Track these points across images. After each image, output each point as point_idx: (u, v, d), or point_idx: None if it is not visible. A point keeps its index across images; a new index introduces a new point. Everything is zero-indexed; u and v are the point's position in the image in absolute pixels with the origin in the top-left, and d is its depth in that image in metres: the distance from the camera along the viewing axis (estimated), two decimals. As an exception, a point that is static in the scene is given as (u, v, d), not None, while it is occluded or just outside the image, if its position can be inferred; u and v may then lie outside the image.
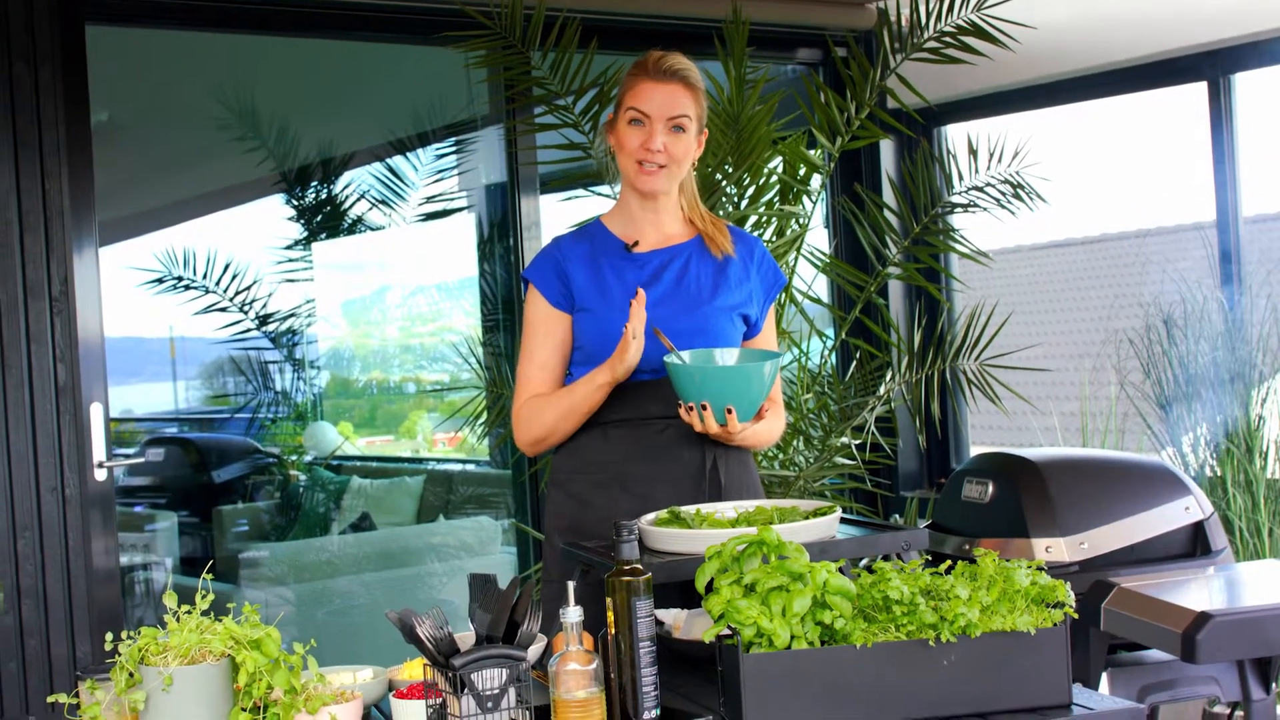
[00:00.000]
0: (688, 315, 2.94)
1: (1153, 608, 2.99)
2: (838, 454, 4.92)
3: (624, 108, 2.95)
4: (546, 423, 2.96)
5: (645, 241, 3.03)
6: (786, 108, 4.96)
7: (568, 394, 2.93)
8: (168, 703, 2.03)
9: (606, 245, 3.03)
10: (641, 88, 2.93)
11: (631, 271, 2.99)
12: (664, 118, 2.91)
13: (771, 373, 2.77)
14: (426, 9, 4.87)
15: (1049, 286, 7.92)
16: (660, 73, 2.93)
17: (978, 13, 4.69)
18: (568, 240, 3.07)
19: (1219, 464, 4.84)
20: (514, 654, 2.03)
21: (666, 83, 2.92)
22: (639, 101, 2.93)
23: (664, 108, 2.91)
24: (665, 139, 2.91)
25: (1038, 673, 2.16)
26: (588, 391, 2.88)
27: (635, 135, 2.93)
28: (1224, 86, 5.18)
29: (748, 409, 2.76)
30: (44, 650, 4.19)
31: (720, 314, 2.97)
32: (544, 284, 3.01)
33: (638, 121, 2.93)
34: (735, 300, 3.01)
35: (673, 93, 2.92)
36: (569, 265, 3.00)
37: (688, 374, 2.74)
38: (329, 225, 6.70)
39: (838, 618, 2.09)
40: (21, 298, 4.18)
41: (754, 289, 3.06)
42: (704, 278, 3.00)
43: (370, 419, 7.40)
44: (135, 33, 5.00)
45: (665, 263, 3.01)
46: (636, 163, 2.93)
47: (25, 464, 4.18)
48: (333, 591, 6.08)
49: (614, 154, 3.03)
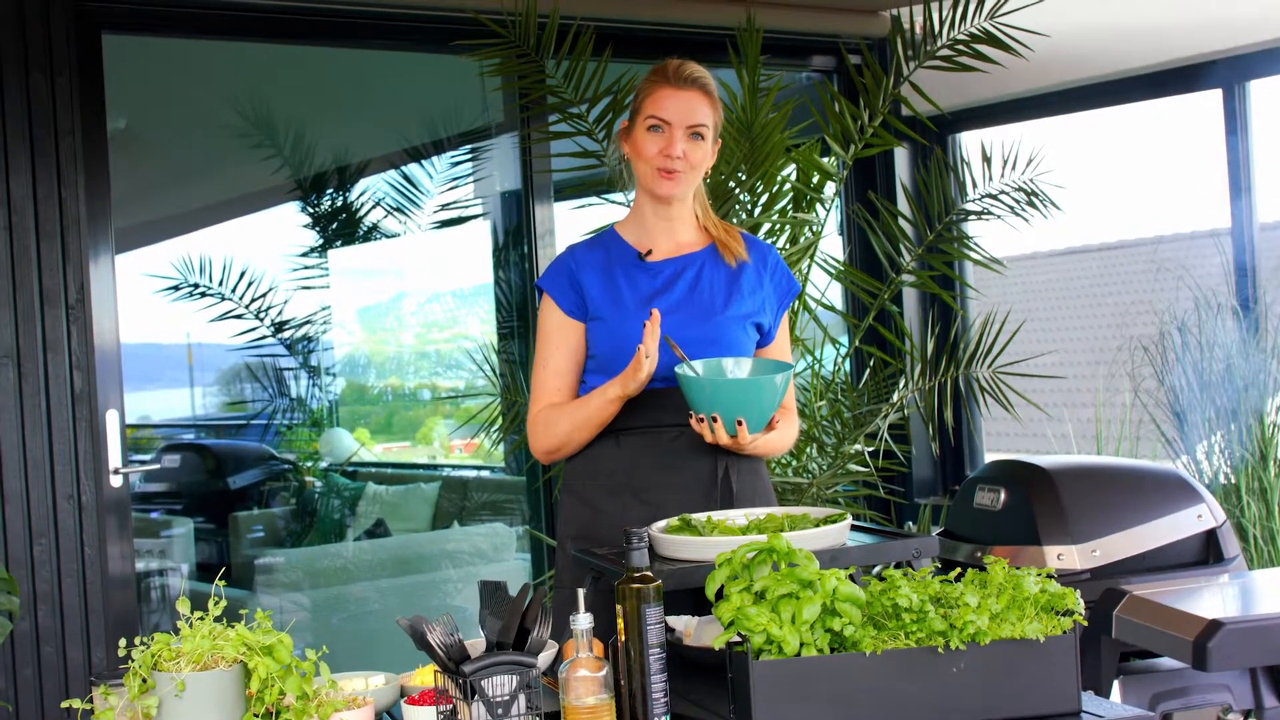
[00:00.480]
0: (700, 324, 2.95)
1: (1164, 615, 2.98)
2: (851, 461, 4.92)
3: (643, 115, 2.95)
4: (560, 433, 2.97)
5: (659, 250, 3.03)
6: (800, 115, 4.96)
7: (581, 406, 2.94)
8: (180, 708, 2.05)
9: (620, 254, 3.03)
10: (661, 94, 2.94)
11: (645, 280, 2.99)
12: (683, 125, 2.92)
13: (783, 384, 2.77)
14: (441, 17, 4.89)
15: (1065, 293, 7.91)
16: (680, 80, 2.94)
17: (991, 20, 4.69)
18: (581, 249, 3.07)
19: (1233, 471, 4.83)
20: (524, 660, 2.04)
21: (686, 90, 2.93)
22: (658, 109, 2.93)
23: (683, 115, 2.92)
24: (684, 145, 2.92)
25: (1047, 680, 2.16)
26: (601, 404, 2.89)
27: (654, 142, 2.93)
28: (1239, 93, 5.17)
29: (758, 420, 2.76)
30: (60, 656, 4.21)
31: (733, 323, 2.97)
32: (558, 292, 3.02)
33: (657, 128, 2.93)
34: (748, 309, 3.01)
35: (692, 100, 2.94)
36: (582, 274, 3.00)
37: (698, 385, 2.74)
38: (344, 232, 6.73)
39: (847, 625, 2.10)
40: (38, 305, 4.20)
41: (767, 297, 3.06)
42: (717, 286, 3.01)
43: (387, 425, 7.42)
44: (152, 41, 5.02)
45: (678, 271, 3.01)
46: (655, 169, 2.94)
47: (42, 470, 4.20)
48: (348, 597, 6.10)
49: (628, 161, 3.04)
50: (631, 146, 3.00)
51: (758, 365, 2.90)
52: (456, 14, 4.83)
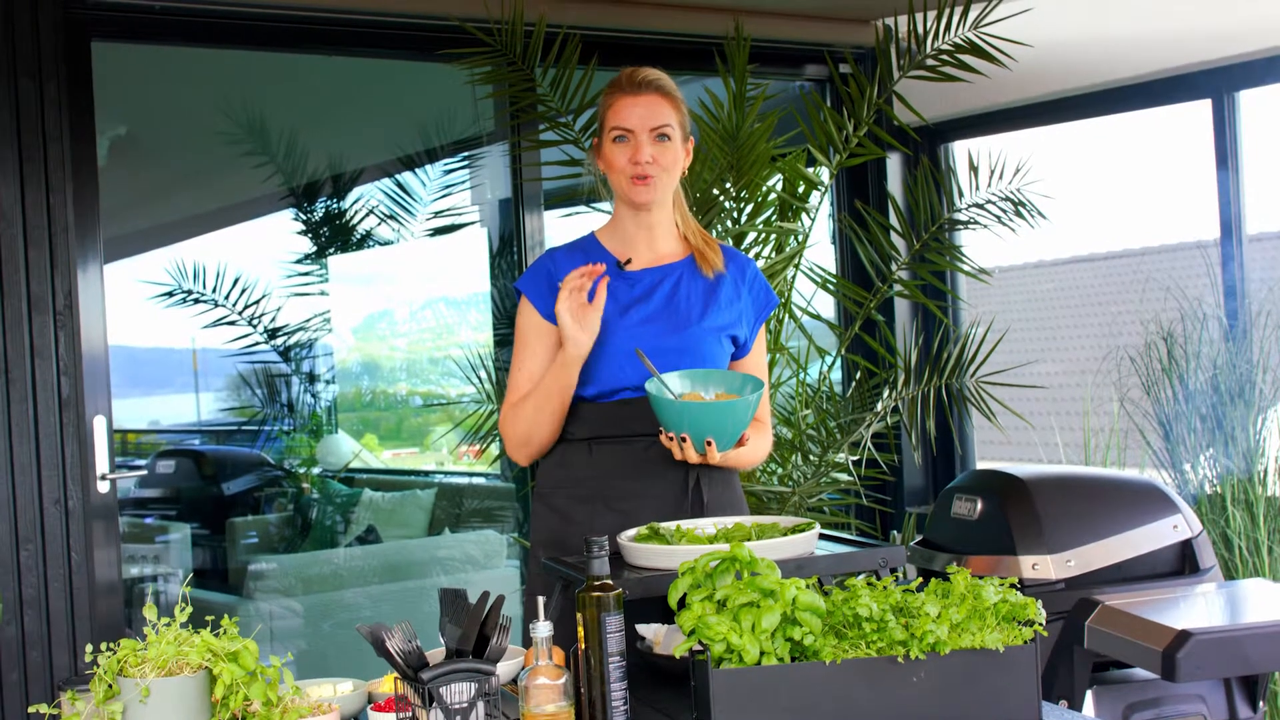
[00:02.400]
0: (676, 334, 2.96)
1: (1135, 626, 3.00)
2: (836, 470, 4.93)
3: (607, 128, 2.98)
4: (525, 416, 2.97)
5: (638, 259, 3.04)
6: (789, 124, 4.98)
7: (546, 377, 2.95)
8: (145, 714, 2.06)
9: (599, 261, 3.03)
10: (620, 104, 2.96)
11: (623, 289, 3.01)
12: (646, 129, 2.93)
13: (753, 405, 2.78)
14: (428, 25, 4.90)
15: (1053, 303, 7.92)
16: (635, 86, 2.96)
17: (975, 31, 4.70)
18: (562, 253, 3.08)
19: (1219, 482, 4.84)
20: (482, 668, 2.05)
21: (644, 94, 2.95)
22: (620, 119, 2.95)
23: (645, 119, 2.94)
24: (652, 150, 2.93)
25: (1008, 690, 2.17)
26: (555, 372, 2.91)
27: (622, 152, 2.95)
28: (1228, 104, 5.17)
29: (727, 441, 2.78)
30: (45, 661, 4.22)
31: (708, 334, 2.98)
32: (536, 296, 3.03)
33: (622, 138, 2.95)
34: (724, 321, 3.02)
35: (651, 103, 2.95)
36: (561, 279, 2.98)
37: (667, 405, 2.75)
38: (338, 240, 6.75)
39: (807, 634, 2.11)
40: (26, 311, 4.21)
41: (744, 309, 3.07)
42: (694, 297, 3.02)
43: (396, 431, 7.44)
44: (145, 49, 5.04)
45: (657, 282, 3.03)
46: (628, 178, 2.95)
47: (29, 476, 4.22)
48: (339, 604, 6.11)
49: (604, 176, 3.05)
50: (604, 162, 3.01)
51: (728, 379, 2.89)
52: (444, 22, 4.84)
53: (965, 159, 5.09)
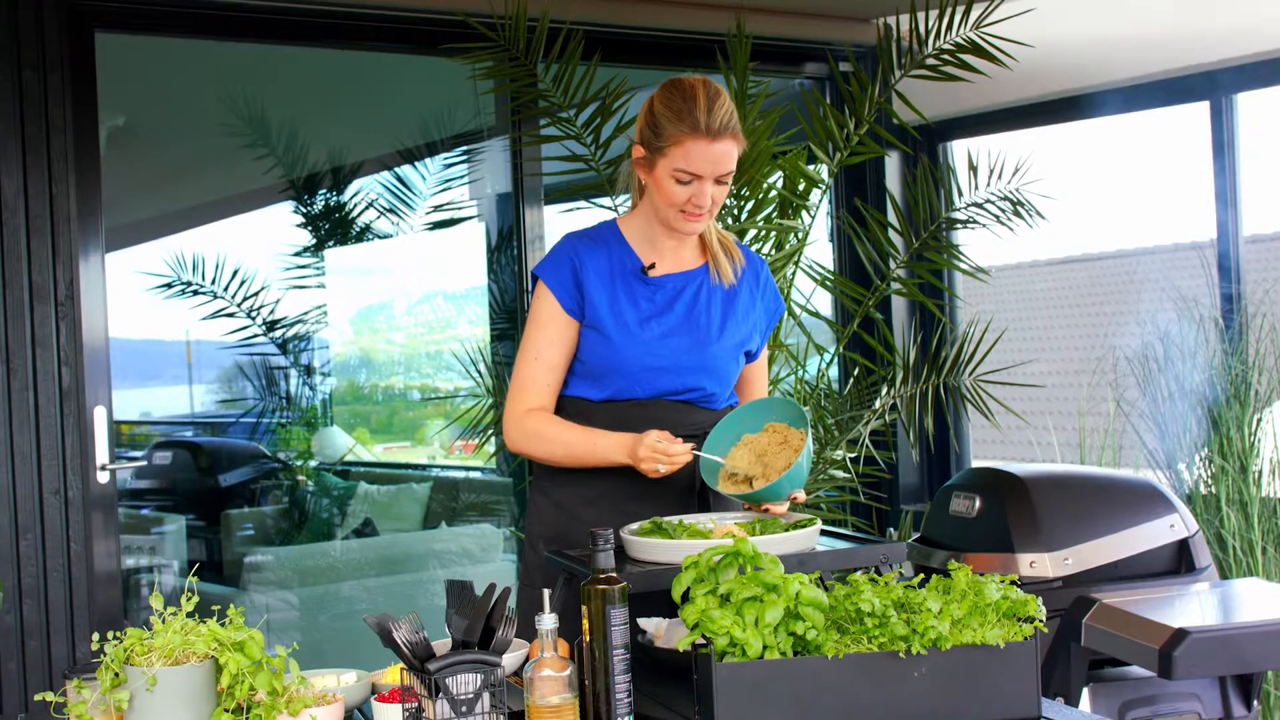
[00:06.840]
0: (696, 352, 2.93)
1: (1132, 624, 3.01)
2: (833, 467, 4.95)
3: (669, 161, 2.80)
4: (545, 454, 2.94)
5: (661, 264, 2.98)
6: (789, 122, 4.98)
7: (582, 446, 2.88)
8: (151, 702, 2.07)
9: (622, 262, 2.96)
10: (692, 147, 2.77)
11: (645, 297, 2.94)
12: (714, 176, 2.81)
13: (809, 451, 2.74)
14: (431, 20, 4.91)
15: (1052, 302, 7.94)
16: (713, 131, 2.77)
17: (976, 31, 4.71)
18: (585, 246, 2.97)
19: (1214, 482, 4.86)
20: (488, 659, 2.06)
21: (720, 141, 2.78)
22: (690, 163, 2.78)
23: (716, 167, 2.79)
24: (713, 191, 2.83)
25: (1007, 686, 2.19)
26: (602, 459, 2.87)
27: (682, 191, 2.82)
28: (1226, 106, 5.19)
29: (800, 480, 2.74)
30: (44, 651, 4.23)
31: (725, 353, 2.96)
32: (559, 286, 2.94)
33: (686, 181, 2.81)
34: (742, 335, 3.00)
35: (726, 150, 2.79)
36: (586, 275, 2.93)
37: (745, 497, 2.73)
38: (337, 233, 6.75)
39: (810, 629, 2.13)
40: (27, 301, 4.22)
41: (757, 321, 3.04)
42: (714, 310, 2.97)
43: (388, 425, 7.45)
44: (148, 40, 5.04)
45: (679, 290, 2.97)
46: (679, 211, 2.85)
47: (29, 466, 4.23)
48: (336, 596, 6.12)
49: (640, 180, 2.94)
50: (652, 181, 2.87)
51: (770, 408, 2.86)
52: (447, 16, 4.85)
53: (965, 158, 5.10)
